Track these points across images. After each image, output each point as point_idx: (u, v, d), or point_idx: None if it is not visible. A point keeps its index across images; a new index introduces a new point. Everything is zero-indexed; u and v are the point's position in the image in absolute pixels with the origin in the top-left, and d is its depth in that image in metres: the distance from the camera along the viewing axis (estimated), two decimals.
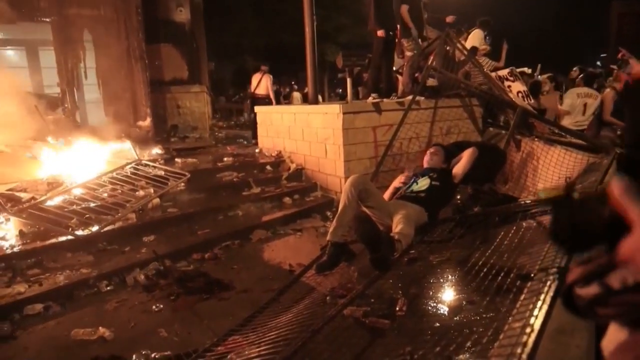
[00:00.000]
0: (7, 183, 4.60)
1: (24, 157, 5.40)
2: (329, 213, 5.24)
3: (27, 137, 6.00)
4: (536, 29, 27.08)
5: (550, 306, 1.29)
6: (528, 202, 3.50)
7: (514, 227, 3.06)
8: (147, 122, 8.13)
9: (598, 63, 18.93)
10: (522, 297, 1.38)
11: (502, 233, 3.07)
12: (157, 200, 4.84)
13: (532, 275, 1.52)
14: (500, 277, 2.67)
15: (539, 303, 1.30)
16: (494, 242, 3.06)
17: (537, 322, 1.20)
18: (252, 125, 8.26)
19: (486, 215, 3.42)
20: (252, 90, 9.50)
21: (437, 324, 2.84)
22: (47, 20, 7.51)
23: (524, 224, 3.10)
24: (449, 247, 3.48)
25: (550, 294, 1.34)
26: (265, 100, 8.98)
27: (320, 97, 7.78)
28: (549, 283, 1.41)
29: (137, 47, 8.04)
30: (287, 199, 5.37)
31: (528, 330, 1.16)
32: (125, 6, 7.93)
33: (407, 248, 3.21)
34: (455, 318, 2.89)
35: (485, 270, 2.81)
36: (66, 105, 7.88)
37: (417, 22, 6.17)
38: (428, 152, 4.06)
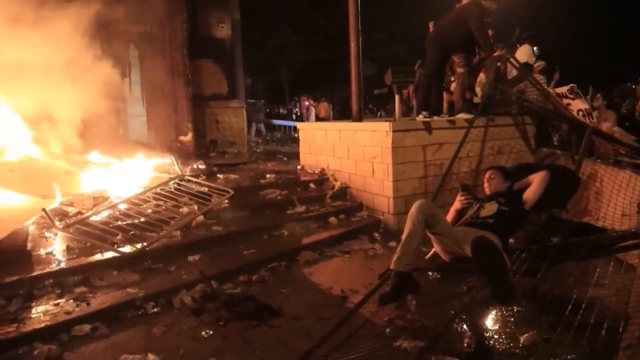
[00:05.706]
0: (54, 197, 4.57)
1: (71, 170, 5.40)
2: (376, 234, 5.01)
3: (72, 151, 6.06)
4: (577, 43, 26.37)
5: None
6: (621, 233, 3.18)
7: (612, 262, 2.76)
8: (188, 137, 8.13)
9: None
10: None
11: (590, 268, 2.77)
12: (201, 218, 4.73)
13: None
14: (582, 317, 2.40)
15: None
16: (575, 276, 2.78)
17: None
18: None
19: (570, 247, 3.11)
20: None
21: None
22: (96, 36, 7.64)
23: (616, 258, 2.79)
24: (524, 280, 3.20)
25: None
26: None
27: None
28: None
29: (181, 62, 8.09)
30: (332, 219, 5.18)
31: None
32: (170, 23, 8.01)
33: None
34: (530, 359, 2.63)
35: (566, 307, 2.54)
36: (110, 120, 7.96)
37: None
38: (485, 179, 3.79)
